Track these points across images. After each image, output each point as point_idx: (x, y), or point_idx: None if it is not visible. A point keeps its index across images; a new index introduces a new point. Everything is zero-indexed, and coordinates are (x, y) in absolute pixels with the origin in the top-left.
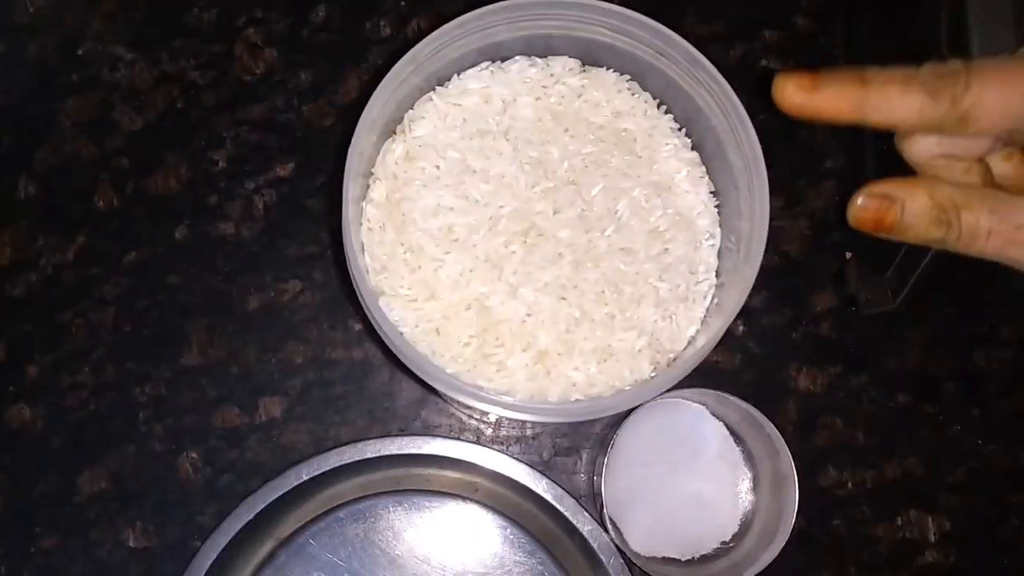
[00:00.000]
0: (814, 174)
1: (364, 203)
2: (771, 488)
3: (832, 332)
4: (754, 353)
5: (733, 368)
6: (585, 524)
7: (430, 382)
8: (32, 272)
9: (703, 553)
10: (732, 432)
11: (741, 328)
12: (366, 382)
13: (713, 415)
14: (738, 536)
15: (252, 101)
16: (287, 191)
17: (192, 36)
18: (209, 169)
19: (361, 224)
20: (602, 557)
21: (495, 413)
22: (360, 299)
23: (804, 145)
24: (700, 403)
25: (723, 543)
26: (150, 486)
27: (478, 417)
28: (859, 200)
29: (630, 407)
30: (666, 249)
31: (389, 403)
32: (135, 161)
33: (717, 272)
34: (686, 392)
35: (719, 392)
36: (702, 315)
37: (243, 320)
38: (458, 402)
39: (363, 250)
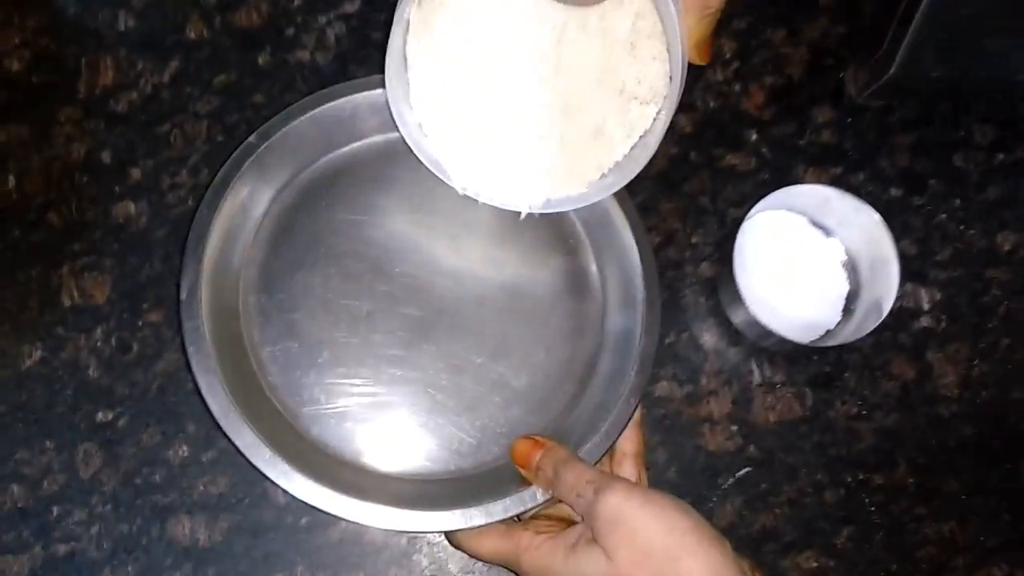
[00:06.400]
0: (810, 9)
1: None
2: (869, 273)
3: (832, 139)
4: (767, 157)
5: (749, 169)
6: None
7: None
8: (132, 91)
9: (812, 339)
10: (823, 228)
11: (754, 136)
12: None
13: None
14: (841, 323)
15: None
16: (355, 25)
17: None
18: (287, 6)
19: None
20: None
21: None
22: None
23: None
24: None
25: (828, 331)
26: None
27: None
28: None
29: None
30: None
31: None
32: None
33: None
34: (806, 187)
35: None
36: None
37: None
38: None
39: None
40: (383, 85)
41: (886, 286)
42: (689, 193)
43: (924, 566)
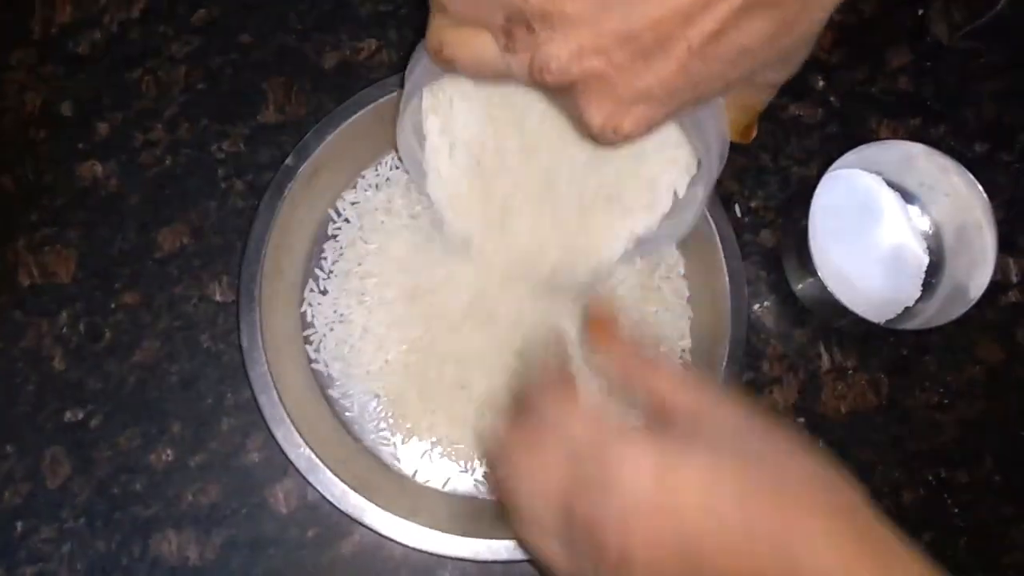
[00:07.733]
0: None
1: None
2: (954, 243)
3: (909, 86)
4: (835, 107)
5: (816, 122)
6: None
7: None
8: (96, 29)
9: (888, 319)
10: (899, 189)
11: (821, 83)
12: None
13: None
14: (921, 300)
15: None
16: None
17: None
18: None
19: None
20: None
21: None
22: None
23: None
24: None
25: (906, 308)
26: (234, 241)
27: None
28: None
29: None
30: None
31: None
32: None
33: None
34: (890, 143)
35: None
36: None
37: (320, 78)
38: None
39: None
40: None
41: (979, 259)
42: (747, 149)
43: (1011, 573)
